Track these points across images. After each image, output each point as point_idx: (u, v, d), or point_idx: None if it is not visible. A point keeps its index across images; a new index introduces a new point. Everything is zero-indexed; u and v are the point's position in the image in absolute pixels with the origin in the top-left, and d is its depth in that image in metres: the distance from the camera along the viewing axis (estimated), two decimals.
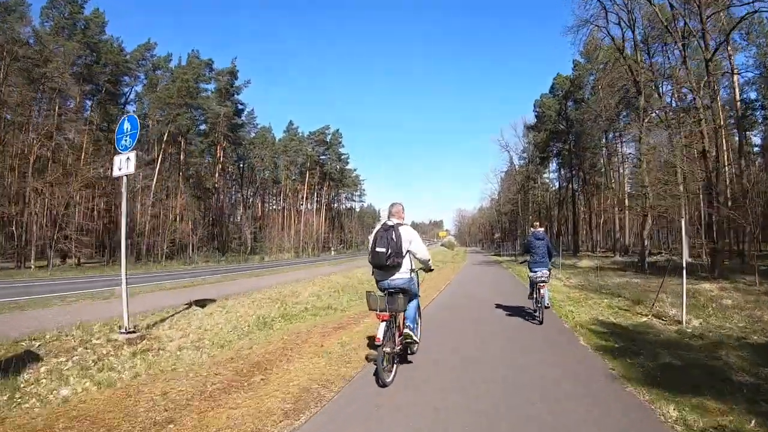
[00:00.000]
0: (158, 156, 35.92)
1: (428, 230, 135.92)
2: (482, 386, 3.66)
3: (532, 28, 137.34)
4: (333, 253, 57.03)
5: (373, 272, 4.08)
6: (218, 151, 44.54)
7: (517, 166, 47.09)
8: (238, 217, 50.46)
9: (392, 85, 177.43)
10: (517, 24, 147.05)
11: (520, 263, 16.33)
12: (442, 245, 70.20)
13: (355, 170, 79.09)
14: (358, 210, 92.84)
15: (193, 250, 36.40)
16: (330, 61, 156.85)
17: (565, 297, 9.31)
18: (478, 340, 5.49)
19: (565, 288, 11.47)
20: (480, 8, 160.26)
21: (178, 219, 36.95)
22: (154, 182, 34.67)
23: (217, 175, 44.79)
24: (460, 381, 3.82)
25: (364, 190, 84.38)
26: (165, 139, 36.26)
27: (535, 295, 6.59)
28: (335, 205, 77.81)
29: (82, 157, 32.72)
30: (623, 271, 17.99)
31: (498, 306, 8.29)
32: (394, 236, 3.85)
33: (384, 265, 3.84)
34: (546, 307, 6.57)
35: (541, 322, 6.27)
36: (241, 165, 54.42)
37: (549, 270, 6.62)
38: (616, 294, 9.55)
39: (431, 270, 4.54)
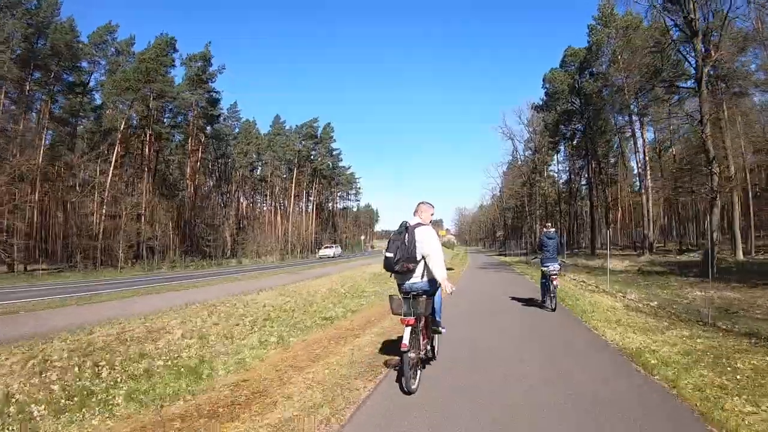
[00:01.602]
0: (116, 147, 31.48)
1: None
2: None
3: (532, 28, 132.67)
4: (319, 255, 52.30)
5: (392, 275, 3.70)
6: (190, 143, 40.02)
7: (522, 157, 42.53)
8: (217, 218, 45.92)
9: (392, 85, 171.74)
10: (517, 24, 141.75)
11: (533, 260, 14.87)
12: (442, 245, 66.05)
13: (349, 167, 74.49)
14: (355, 210, 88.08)
15: (155, 254, 31.96)
16: (329, 61, 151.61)
17: (672, 350, 4.34)
18: None
19: (638, 316, 6.60)
20: (480, 8, 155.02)
21: (143, 219, 32.57)
22: (110, 177, 30.23)
23: (189, 169, 40.28)
24: None
25: (359, 188, 79.33)
26: (122, 128, 31.80)
27: (548, 286, 7.21)
28: (329, 204, 73.10)
29: (41, 151, 28.43)
30: (677, 275, 13.53)
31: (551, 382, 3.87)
32: (406, 240, 3.48)
33: (393, 270, 3.52)
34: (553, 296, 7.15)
35: (553, 309, 7.10)
36: (222, 161, 49.99)
37: (559, 265, 7.26)
38: (754, 334, 5.00)
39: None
